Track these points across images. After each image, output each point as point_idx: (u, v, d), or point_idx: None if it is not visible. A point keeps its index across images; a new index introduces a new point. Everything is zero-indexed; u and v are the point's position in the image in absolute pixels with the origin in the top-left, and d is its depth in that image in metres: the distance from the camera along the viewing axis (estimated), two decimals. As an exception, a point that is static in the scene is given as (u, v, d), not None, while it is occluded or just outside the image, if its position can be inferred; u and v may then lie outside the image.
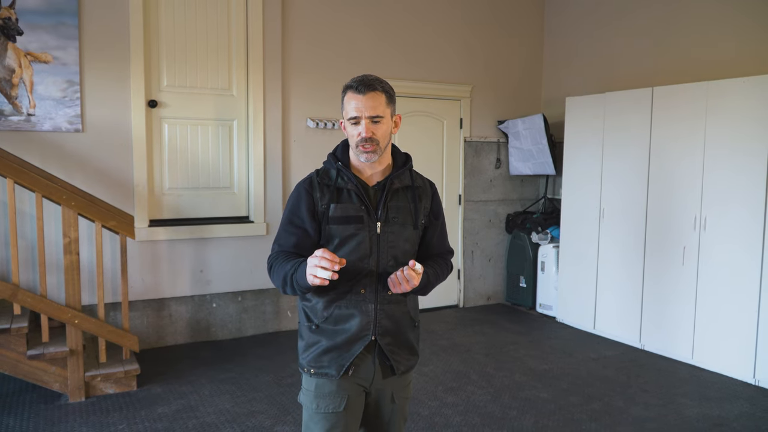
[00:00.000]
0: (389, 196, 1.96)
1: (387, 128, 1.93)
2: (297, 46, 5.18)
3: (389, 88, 1.95)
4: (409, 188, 2.00)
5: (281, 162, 5.12)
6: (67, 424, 3.46)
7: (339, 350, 1.91)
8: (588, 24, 5.96)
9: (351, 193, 1.94)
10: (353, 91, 1.89)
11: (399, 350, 1.97)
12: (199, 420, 3.55)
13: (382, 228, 1.93)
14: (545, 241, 5.86)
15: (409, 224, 1.97)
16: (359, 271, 1.91)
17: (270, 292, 5.19)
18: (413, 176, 2.04)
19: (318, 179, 1.97)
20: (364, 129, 1.88)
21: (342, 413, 1.92)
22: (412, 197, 1.99)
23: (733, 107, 4.24)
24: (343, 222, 1.91)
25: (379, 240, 1.93)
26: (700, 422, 3.61)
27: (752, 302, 4.15)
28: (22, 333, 3.62)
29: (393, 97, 1.95)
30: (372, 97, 1.88)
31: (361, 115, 1.88)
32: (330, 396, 1.93)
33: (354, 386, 1.95)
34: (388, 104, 1.93)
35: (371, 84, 1.89)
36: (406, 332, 2.00)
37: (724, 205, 4.31)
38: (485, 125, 6.19)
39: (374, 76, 1.94)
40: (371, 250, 1.92)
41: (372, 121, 1.88)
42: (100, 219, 3.84)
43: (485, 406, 3.78)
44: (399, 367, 1.97)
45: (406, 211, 1.97)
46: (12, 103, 4.19)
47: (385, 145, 1.94)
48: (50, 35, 4.25)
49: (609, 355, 4.77)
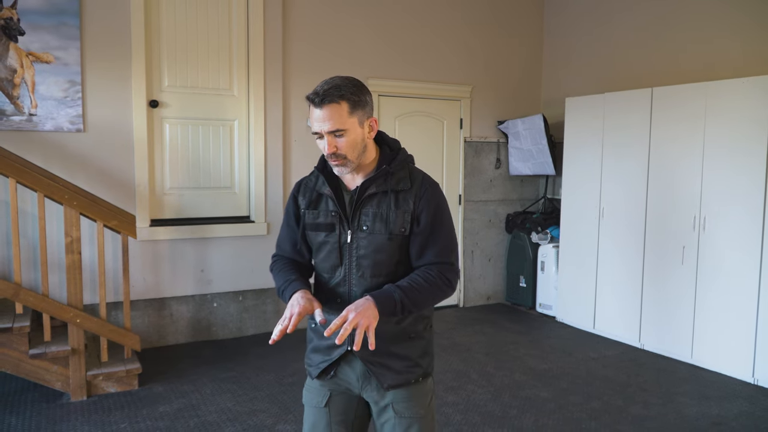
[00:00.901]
0: (363, 202, 1.83)
1: (354, 138, 1.77)
2: (297, 46, 5.20)
3: (354, 92, 1.76)
4: (387, 193, 1.83)
5: (282, 162, 5.14)
6: (69, 423, 3.47)
7: (323, 352, 1.91)
8: (587, 24, 5.98)
9: (327, 199, 1.87)
10: (311, 103, 1.76)
11: (382, 363, 1.85)
12: (201, 419, 3.56)
13: (352, 236, 1.84)
14: (545, 241, 5.88)
15: (381, 233, 1.81)
16: (335, 280, 1.87)
17: (271, 292, 5.20)
18: (398, 178, 1.85)
19: (305, 183, 1.95)
20: (326, 145, 1.76)
21: (324, 409, 1.93)
22: (388, 203, 1.82)
23: (732, 108, 4.26)
24: (314, 229, 1.89)
25: (350, 249, 1.84)
26: (700, 421, 3.63)
27: (751, 302, 4.17)
28: (24, 332, 3.63)
29: (360, 101, 1.77)
30: (330, 109, 1.73)
31: (321, 129, 1.75)
32: (314, 391, 1.95)
33: (338, 387, 1.92)
34: (352, 113, 1.75)
35: (328, 94, 1.73)
36: (393, 345, 1.85)
37: (724, 205, 4.33)
38: (485, 125, 6.21)
39: (338, 80, 1.77)
40: (341, 260, 1.85)
41: (334, 136, 1.75)
42: (102, 218, 3.85)
43: (485, 405, 3.80)
44: (383, 381, 1.85)
45: (381, 218, 1.82)
46: (14, 103, 4.20)
47: (357, 154, 1.80)
48: (52, 35, 4.26)
49: (609, 355, 4.79)
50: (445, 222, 1.86)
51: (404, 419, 1.88)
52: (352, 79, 1.81)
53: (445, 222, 1.86)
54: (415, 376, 1.89)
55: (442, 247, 1.84)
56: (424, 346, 1.93)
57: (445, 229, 1.86)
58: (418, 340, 1.91)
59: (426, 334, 1.94)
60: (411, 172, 1.89)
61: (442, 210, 1.86)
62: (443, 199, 1.90)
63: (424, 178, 1.89)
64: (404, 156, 1.90)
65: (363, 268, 1.84)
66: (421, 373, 1.91)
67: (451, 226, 1.90)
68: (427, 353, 1.94)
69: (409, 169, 1.89)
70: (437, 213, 1.84)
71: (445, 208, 1.88)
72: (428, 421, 1.94)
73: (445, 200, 1.91)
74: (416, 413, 1.90)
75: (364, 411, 1.97)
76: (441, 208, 1.86)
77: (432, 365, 1.98)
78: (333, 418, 1.93)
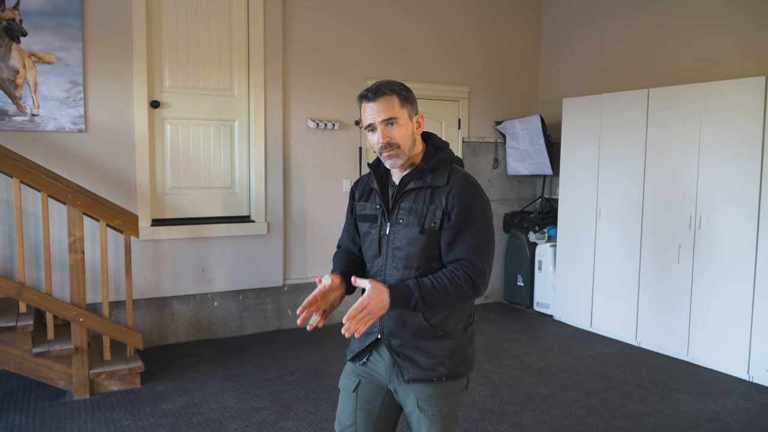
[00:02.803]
0: (402, 197, 1.94)
1: (406, 130, 1.90)
2: (297, 46, 5.23)
3: (403, 89, 1.92)
4: (423, 189, 1.91)
5: (282, 162, 5.17)
6: (72, 421, 3.50)
7: (360, 339, 2.00)
8: (584, 25, 6.04)
9: (375, 193, 2.02)
10: (365, 99, 1.90)
11: (408, 355, 1.92)
12: (204, 416, 3.59)
13: (390, 229, 1.95)
14: (542, 240, 5.93)
15: (414, 226, 1.90)
16: (374, 270, 1.99)
17: (271, 291, 5.24)
18: (437, 175, 1.92)
19: (362, 179, 2.12)
20: (381, 134, 1.88)
21: (353, 395, 2.03)
22: (424, 198, 1.91)
23: (728, 108, 4.32)
24: (362, 220, 2.05)
25: (388, 241, 1.95)
26: (696, 417, 3.68)
27: (746, 299, 4.23)
28: (28, 331, 3.66)
29: (408, 97, 1.92)
30: (382, 101, 1.87)
31: (374, 121, 1.88)
32: (347, 376, 2.07)
33: (368, 375, 2.02)
34: (402, 105, 1.89)
35: (380, 89, 1.88)
36: (419, 340, 1.91)
37: (719, 205, 4.38)
38: (483, 126, 6.26)
39: (388, 80, 1.93)
40: (380, 250, 1.97)
41: (387, 125, 1.88)
42: (105, 218, 3.88)
43: (484, 402, 3.84)
44: (405, 372, 1.91)
45: (415, 213, 1.91)
46: (16, 103, 4.23)
47: (409, 146, 1.91)
48: (54, 36, 4.29)
49: (606, 353, 4.84)
50: (477, 221, 1.87)
51: (428, 416, 1.94)
52: (399, 81, 1.97)
53: (477, 221, 1.87)
54: (437, 374, 1.91)
55: (470, 245, 1.86)
56: (452, 346, 1.94)
57: (476, 227, 1.87)
58: (447, 340, 1.93)
59: (457, 335, 1.96)
60: (452, 170, 1.94)
61: (475, 209, 1.88)
62: (479, 200, 1.90)
63: (463, 177, 1.92)
64: (446, 155, 1.96)
65: (397, 260, 1.93)
66: (445, 373, 1.92)
67: (486, 227, 1.90)
68: (455, 354, 1.95)
69: (450, 168, 1.94)
70: (470, 211, 1.87)
71: (480, 208, 1.89)
72: (451, 420, 1.98)
73: (484, 202, 1.92)
74: (439, 411, 1.94)
75: (391, 406, 2.04)
76: (474, 207, 1.87)
77: (464, 368, 1.98)
78: (359, 404, 2.02)
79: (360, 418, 2.02)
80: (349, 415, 2.03)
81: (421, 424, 1.95)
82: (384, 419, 2.04)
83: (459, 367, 1.96)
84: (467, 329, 2.00)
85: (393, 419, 2.07)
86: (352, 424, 2.03)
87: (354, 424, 2.03)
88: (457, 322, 1.96)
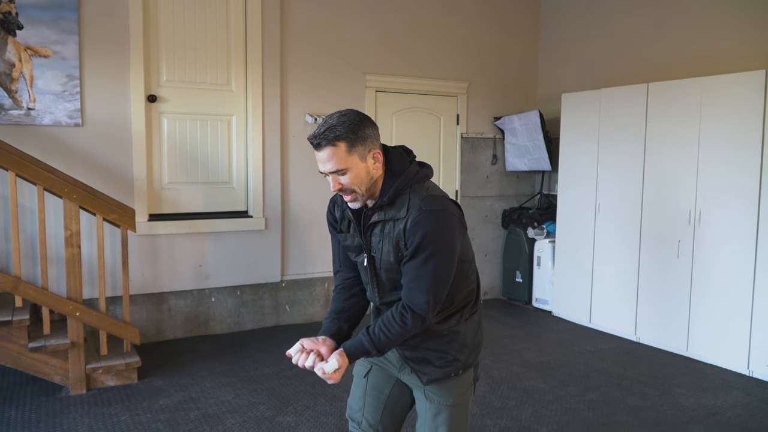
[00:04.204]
0: (370, 229, 1.91)
1: (358, 173, 1.79)
2: (295, 41, 5.20)
3: (350, 130, 1.75)
4: (386, 221, 1.87)
5: (279, 157, 5.15)
6: (69, 416, 3.47)
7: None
8: (583, 20, 6.02)
9: (350, 223, 1.98)
10: (312, 146, 1.80)
11: (422, 358, 1.96)
12: (201, 411, 3.57)
13: (369, 258, 1.94)
14: (541, 236, 5.91)
15: (389, 255, 1.88)
16: (369, 293, 2.04)
17: (268, 287, 5.22)
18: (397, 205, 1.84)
19: (334, 199, 2.06)
20: (332, 183, 1.82)
21: (364, 380, 2.12)
22: (391, 227, 1.86)
23: (727, 102, 4.30)
24: (348, 250, 2.04)
25: (373, 268, 1.95)
26: (696, 411, 3.66)
27: (746, 294, 4.22)
28: (24, 325, 3.63)
29: (359, 137, 1.76)
30: (327, 152, 1.76)
31: (324, 170, 1.81)
32: (360, 362, 2.12)
33: (380, 363, 2.08)
34: (351, 152, 1.76)
35: (324, 137, 1.75)
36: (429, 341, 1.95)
37: (719, 199, 4.37)
38: (482, 121, 6.24)
39: (335, 119, 1.77)
40: (369, 278, 1.99)
41: (337, 174, 1.80)
42: (102, 212, 3.85)
43: (484, 397, 3.83)
44: (422, 377, 1.97)
45: (389, 241, 1.87)
46: (12, 97, 4.19)
47: (366, 187, 1.83)
48: (50, 29, 4.26)
49: (605, 348, 4.83)
50: (429, 254, 1.79)
51: (434, 405, 2.00)
52: (351, 114, 1.80)
53: (429, 254, 1.79)
54: (454, 369, 1.98)
55: (421, 282, 1.81)
56: (461, 340, 1.99)
57: (426, 263, 1.79)
58: (454, 335, 1.98)
59: (459, 327, 1.99)
60: (411, 197, 1.83)
61: (427, 241, 1.78)
62: (435, 228, 1.79)
63: (420, 204, 1.80)
64: (405, 180, 1.84)
65: (383, 285, 1.97)
66: (460, 366, 1.99)
67: (438, 260, 1.80)
68: (465, 346, 2.00)
69: (410, 194, 1.84)
70: (421, 244, 1.78)
71: (433, 237, 1.78)
72: (458, 410, 2.01)
73: (441, 227, 1.80)
74: (446, 401, 1.99)
75: (401, 396, 2.09)
76: (426, 239, 1.78)
77: (473, 356, 2.04)
78: (369, 390, 2.09)
79: (368, 404, 2.09)
80: (359, 399, 2.12)
81: (427, 414, 2.00)
82: (391, 408, 2.09)
83: (469, 357, 2.02)
84: (471, 318, 2.04)
85: (400, 410, 2.12)
86: (360, 409, 2.11)
87: (362, 409, 2.10)
88: (458, 319, 2.00)
